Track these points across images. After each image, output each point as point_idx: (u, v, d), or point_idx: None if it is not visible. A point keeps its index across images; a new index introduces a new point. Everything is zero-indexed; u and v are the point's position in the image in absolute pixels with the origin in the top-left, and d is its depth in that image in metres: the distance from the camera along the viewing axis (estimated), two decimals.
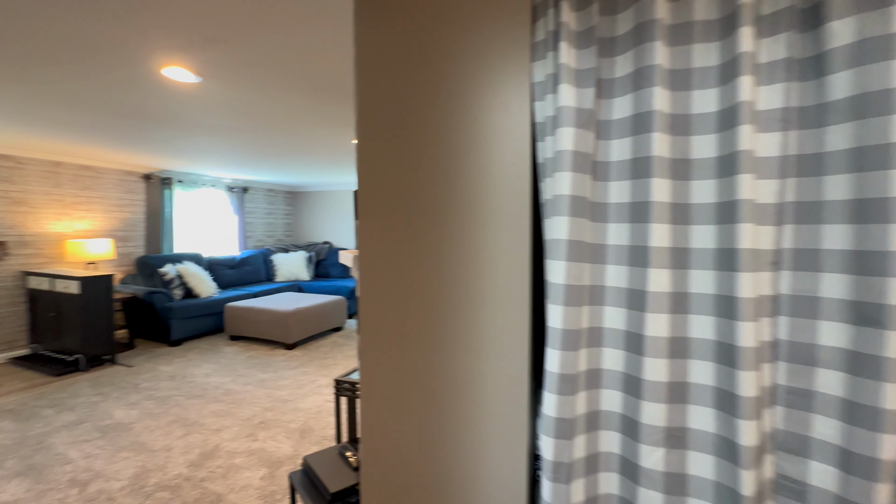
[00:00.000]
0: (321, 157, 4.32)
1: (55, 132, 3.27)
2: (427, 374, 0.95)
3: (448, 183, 0.91)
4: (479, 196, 0.88)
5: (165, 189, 5.25)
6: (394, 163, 0.97)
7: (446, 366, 0.92)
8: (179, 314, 4.49)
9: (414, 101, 0.94)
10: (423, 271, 0.94)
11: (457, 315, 0.91)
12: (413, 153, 0.94)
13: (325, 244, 7.07)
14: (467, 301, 0.90)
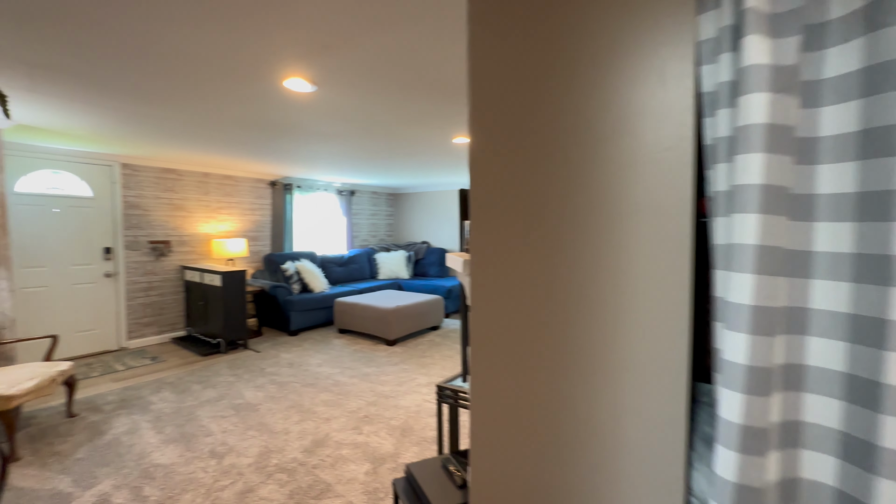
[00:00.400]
0: (422, 158, 4.39)
1: (202, 147, 3.80)
2: (549, 402, 0.81)
3: (579, 179, 0.76)
4: (619, 192, 0.71)
5: (287, 194, 5.86)
6: (513, 158, 0.85)
7: (573, 396, 0.77)
8: (297, 307, 4.96)
9: (537, 84, 0.81)
10: (547, 283, 0.80)
11: (587, 337, 0.75)
12: (536, 146, 0.81)
13: (424, 244, 7.26)
14: (602, 320, 0.74)
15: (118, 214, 4.33)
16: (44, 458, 2.36)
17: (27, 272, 3.79)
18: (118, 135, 3.32)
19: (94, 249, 4.21)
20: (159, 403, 3.07)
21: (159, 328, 4.69)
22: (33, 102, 2.47)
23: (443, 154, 4.16)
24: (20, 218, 3.74)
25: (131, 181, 4.42)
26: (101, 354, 4.22)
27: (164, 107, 2.56)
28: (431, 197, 7.38)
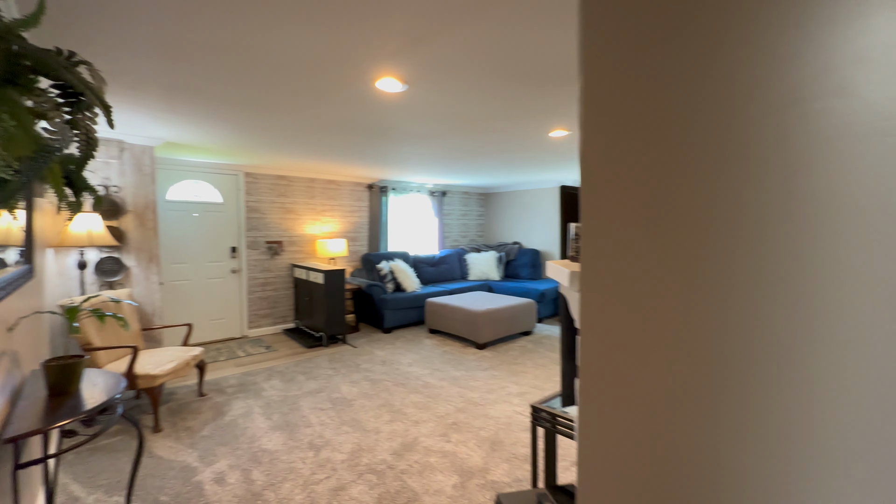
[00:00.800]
0: (516, 155, 4.20)
1: (307, 153, 4.09)
2: (692, 460, 0.59)
3: (747, 166, 0.53)
4: (820, 183, 0.47)
5: (382, 196, 6.09)
6: (645, 145, 0.64)
7: (734, 469, 0.55)
8: (391, 305, 5.11)
9: (679, 41, 0.59)
10: (700, 308, 0.58)
11: (754, 388, 0.52)
12: (680, 124, 0.60)
13: (515, 244, 7.02)
14: (781, 367, 0.50)
15: (242, 218, 4.88)
16: (178, 431, 2.70)
17: (174, 268, 4.46)
18: (240, 146, 3.71)
19: (223, 249, 4.80)
20: (269, 391, 3.35)
21: (273, 320, 5.19)
22: (172, 121, 2.85)
23: (538, 150, 3.92)
24: (169, 222, 4.42)
25: (252, 188, 4.96)
26: (228, 341, 4.80)
27: (271, 117, 2.76)
28: (523, 196, 7.10)
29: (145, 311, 3.30)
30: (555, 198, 6.60)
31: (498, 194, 7.55)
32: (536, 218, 6.91)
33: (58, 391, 1.48)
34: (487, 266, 6.66)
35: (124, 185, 3.17)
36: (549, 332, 5.21)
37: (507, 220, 7.41)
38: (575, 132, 3.16)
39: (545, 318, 5.95)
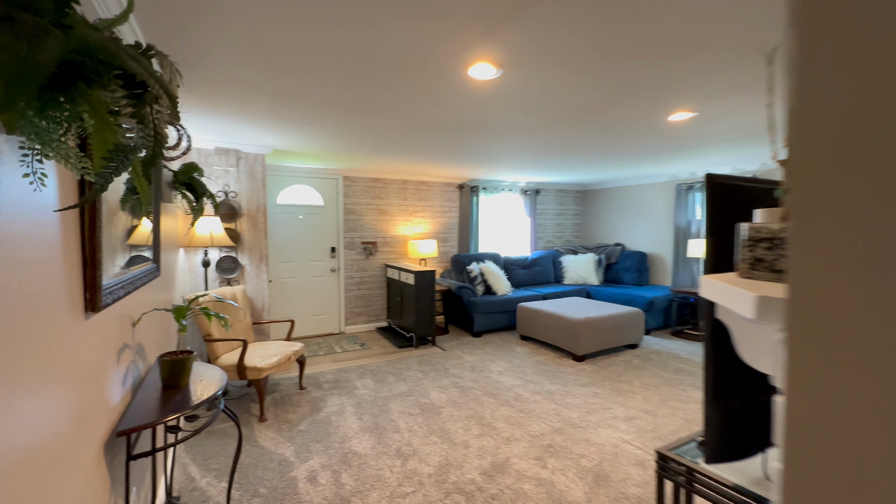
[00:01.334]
0: (624, 145, 3.72)
1: (400, 154, 4.10)
2: None
3: None
4: None
5: (473, 196, 5.96)
6: None
7: None
8: (481, 309, 4.94)
9: None
10: None
11: None
12: None
13: (617, 246, 6.37)
14: None
15: (340, 219, 5.13)
16: (280, 423, 2.84)
17: (282, 266, 4.84)
18: (338, 150, 3.85)
19: (324, 249, 5.09)
20: (361, 390, 3.40)
21: (367, 318, 5.37)
22: (279, 129, 3.01)
23: (652, 138, 3.41)
24: (279, 224, 4.80)
25: (349, 190, 5.18)
26: (327, 336, 5.07)
27: (366, 117, 2.76)
28: (627, 192, 6.41)
29: (256, 306, 3.58)
30: (667, 194, 5.83)
31: (597, 191, 6.93)
32: (643, 217, 6.18)
33: (170, 384, 1.57)
34: (585, 269, 6.14)
35: (240, 191, 3.47)
36: (660, 346, 4.57)
37: (608, 220, 6.76)
38: (705, 112, 2.63)
39: (653, 330, 5.26)
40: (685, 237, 5.50)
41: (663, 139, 3.43)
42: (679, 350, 4.42)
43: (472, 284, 5.20)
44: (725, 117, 2.77)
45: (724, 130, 3.16)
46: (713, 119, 2.81)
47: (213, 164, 3.36)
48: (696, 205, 5.36)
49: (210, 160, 3.35)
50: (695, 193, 5.38)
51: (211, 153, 3.36)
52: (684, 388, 3.40)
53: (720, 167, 5.02)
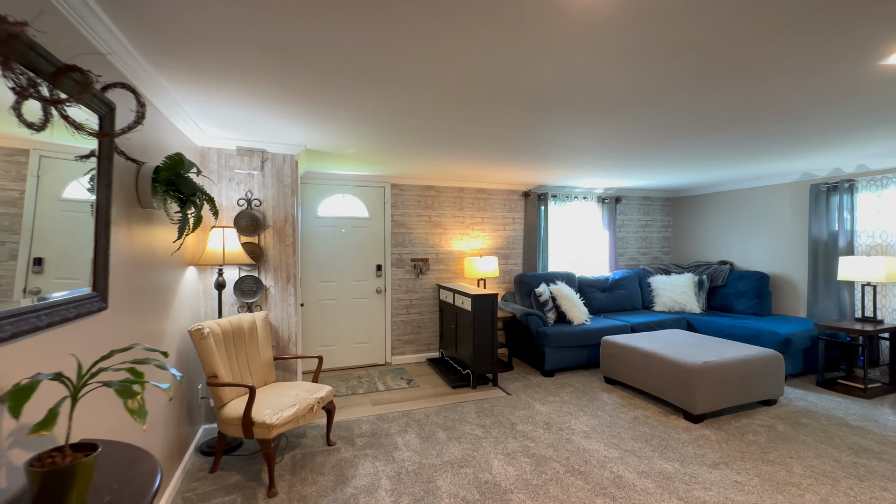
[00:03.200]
0: (773, 122, 2.69)
1: (455, 152, 3.36)
2: None
3: None
4: None
5: (541, 205, 5.07)
6: None
7: None
8: (553, 341, 4.00)
9: None
10: None
11: None
12: None
13: (724, 265, 5.11)
14: None
15: (387, 233, 4.49)
16: (292, 499, 2.13)
17: (322, 286, 4.27)
18: (384, 148, 3.20)
19: (369, 267, 4.46)
20: (403, 451, 2.62)
21: (416, 347, 4.63)
22: (309, 123, 2.41)
23: (835, 104, 2.33)
24: (319, 239, 4.25)
25: (398, 200, 4.54)
26: (370, 367, 4.39)
27: (411, 86, 2.06)
28: (736, 198, 5.16)
29: (281, 336, 2.97)
30: (798, 197, 4.54)
31: (692, 198, 5.72)
32: (760, 228, 4.90)
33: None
34: (682, 293, 4.95)
35: (265, 198, 2.92)
36: (808, 403, 3.32)
37: (708, 233, 5.51)
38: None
39: (790, 377, 3.97)
40: (828, 254, 4.16)
41: (860, 102, 2.29)
42: (841, 411, 3.15)
43: (542, 311, 4.28)
44: None
45: None
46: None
47: (234, 167, 2.84)
48: (845, 211, 4.04)
49: (231, 162, 2.84)
50: (841, 195, 4.06)
51: (232, 154, 2.85)
52: (883, 484, 2.22)
53: (878, 159, 3.71)
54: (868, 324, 3.63)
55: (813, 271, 4.27)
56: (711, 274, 5.12)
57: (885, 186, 3.82)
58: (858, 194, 4.01)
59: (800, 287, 4.50)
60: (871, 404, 3.29)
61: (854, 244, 4.04)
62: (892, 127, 2.72)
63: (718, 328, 4.30)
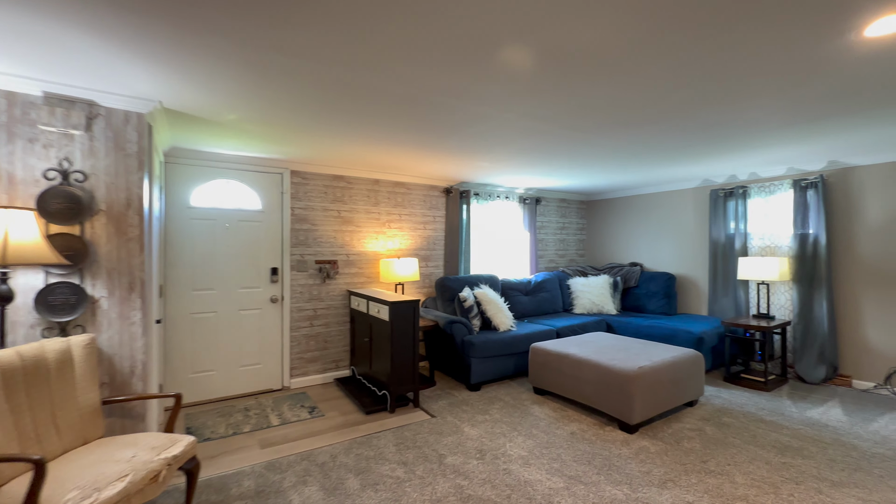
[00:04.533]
0: (740, 109, 2.58)
1: (371, 132, 2.80)
2: None
3: None
4: None
5: (463, 203, 4.71)
6: None
7: None
8: (480, 351, 3.60)
9: None
10: None
11: None
12: None
13: (635, 266, 5.26)
14: None
15: (285, 229, 3.71)
16: None
17: (197, 296, 3.34)
18: (281, 120, 2.50)
19: (262, 271, 3.64)
20: None
21: (323, 365, 3.90)
22: (176, 69, 1.65)
23: (815, 85, 2.26)
24: (194, 234, 3.33)
25: (300, 191, 3.79)
26: (262, 395, 3.56)
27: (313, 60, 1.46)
28: (644, 202, 5.36)
29: (119, 368, 2.09)
30: (699, 202, 4.80)
31: (605, 201, 5.86)
32: (667, 231, 5.12)
33: None
34: (599, 295, 4.96)
35: (94, 172, 2.04)
36: (723, 400, 3.37)
37: (620, 235, 5.67)
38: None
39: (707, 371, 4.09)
40: (726, 255, 4.43)
41: (841, 84, 2.21)
42: (752, 407, 3.23)
43: (467, 317, 3.88)
44: None
45: None
46: None
47: (39, 122, 1.93)
48: (740, 215, 4.32)
49: (33, 114, 1.92)
50: (736, 200, 4.35)
51: (36, 102, 1.93)
52: (816, 485, 2.17)
53: (767, 167, 4.02)
54: (763, 320, 3.86)
55: (713, 271, 4.52)
56: (624, 275, 5.23)
57: (772, 192, 4.16)
58: (750, 199, 4.32)
59: (702, 287, 4.76)
60: (772, 397, 3.45)
61: (748, 246, 4.34)
62: (774, 139, 2.84)
63: (637, 329, 4.32)
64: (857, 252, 3.63)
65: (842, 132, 2.85)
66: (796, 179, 3.89)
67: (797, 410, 3.17)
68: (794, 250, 3.91)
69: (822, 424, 2.90)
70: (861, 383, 3.60)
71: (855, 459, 2.42)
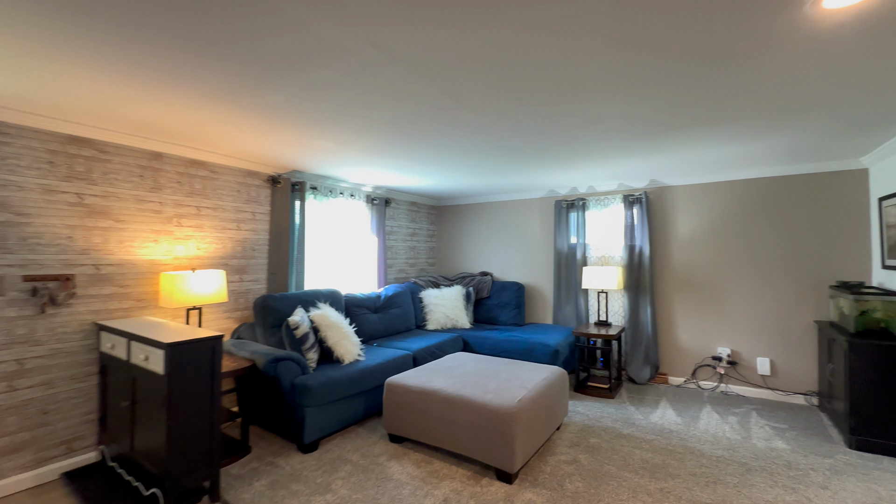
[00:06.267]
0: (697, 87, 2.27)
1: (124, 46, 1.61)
2: None
3: None
4: None
5: (296, 198, 3.65)
6: None
7: None
8: (318, 397, 2.65)
9: None
10: None
11: None
12: None
13: (486, 276, 5.06)
14: None
15: None
16: None
17: None
18: None
19: None
20: None
21: (40, 452, 2.31)
22: None
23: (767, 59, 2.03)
24: None
25: (1, 156, 2.17)
26: None
27: None
28: (494, 210, 5.24)
29: None
30: (545, 212, 4.86)
31: (455, 207, 5.57)
32: (516, 240, 5.07)
33: None
34: (453, 308, 4.55)
35: None
36: (584, 417, 3.26)
37: (471, 243, 5.44)
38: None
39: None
40: (568, 265, 4.56)
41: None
42: (608, 420, 3.18)
43: (300, 350, 2.87)
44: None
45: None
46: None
47: None
48: (580, 226, 4.49)
49: None
50: (577, 212, 4.52)
51: None
52: None
53: (602, 181, 4.29)
54: (603, 327, 4.01)
55: (557, 281, 4.60)
56: (476, 286, 4.97)
57: (606, 206, 4.43)
58: (588, 211, 4.54)
59: (547, 296, 4.82)
60: (618, 404, 3.52)
61: (587, 256, 4.55)
62: (605, 156, 2.90)
63: (494, 344, 4.01)
64: (671, 262, 4.08)
65: (662, 152, 3.05)
66: (626, 194, 4.20)
67: (642, 416, 3.24)
68: (625, 260, 4.20)
69: (667, 431, 2.98)
70: (675, 379, 4.03)
71: (708, 469, 2.44)
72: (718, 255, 3.87)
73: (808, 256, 3.51)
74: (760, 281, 3.68)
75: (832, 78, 1.82)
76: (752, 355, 3.70)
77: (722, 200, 3.86)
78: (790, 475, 2.37)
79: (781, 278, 3.60)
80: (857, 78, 1.82)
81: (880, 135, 2.70)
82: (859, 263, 3.34)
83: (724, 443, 2.79)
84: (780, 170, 3.59)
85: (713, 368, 3.86)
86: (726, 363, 3.79)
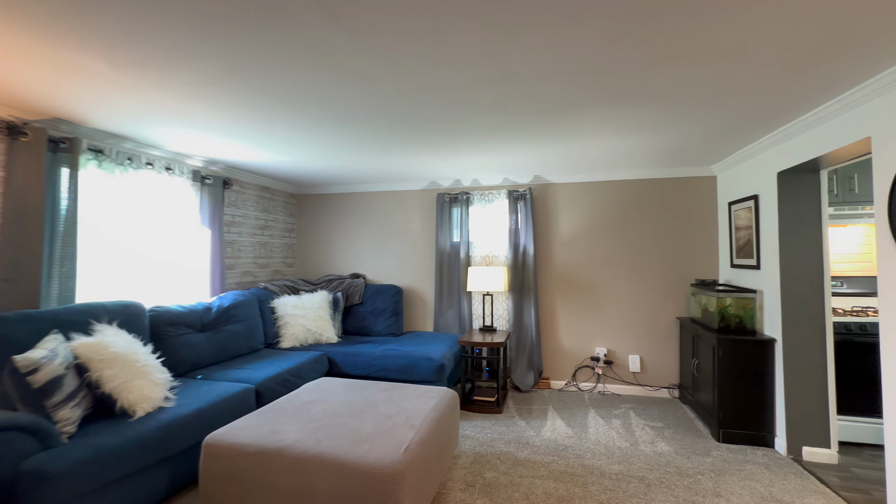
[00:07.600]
0: None
1: None
2: None
3: None
4: None
5: (61, 164, 2.35)
6: None
7: None
8: (70, 487, 1.57)
9: None
10: None
11: None
12: None
13: (357, 278, 4.30)
14: None
15: None
16: None
17: None
18: None
19: None
20: None
21: None
22: None
23: None
24: None
25: None
26: None
27: None
28: (367, 201, 4.51)
29: None
30: (426, 206, 4.33)
31: (320, 196, 4.66)
32: (394, 237, 4.43)
33: None
34: (316, 318, 3.69)
35: None
36: (474, 443, 2.78)
37: (339, 240, 4.60)
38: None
39: None
40: (451, 265, 4.11)
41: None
42: (500, 443, 2.77)
43: (41, 405, 1.72)
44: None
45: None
46: None
47: None
48: (464, 223, 4.09)
49: None
50: (461, 207, 4.11)
51: None
52: None
53: (490, 174, 3.98)
54: (488, 333, 3.66)
55: (439, 283, 4.12)
56: (346, 290, 4.17)
57: (491, 201, 4.11)
58: (472, 207, 4.16)
59: (428, 300, 4.30)
60: (507, 419, 3.16)
61: (471, 255, 4.16)
62: (490, 145, 2.56)
63: (369, 361, 3.29)
64: (553, 262, 3.95)
65: (542, 145, 2.82)
66: (510, 190, 3.94)
67: (534, 432, 2.93)
68: (510, 260, 3.93)
69: (562, 447, 2.69)
70: (557, 383, 3.90)
71: (612, 492, 2.18)
72: (595, 256, 3.86)
73: (669, 256, 3.69)
74: (631, 280, 3.77)
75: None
76: (625, 353, 3.76)
77: (599, 201, 3.87)
78: (685, 485, 2.25)
79: (648, 277, 3.73)
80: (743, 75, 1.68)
81: (730, 144, 2.87)
82: (709, 263, 3.62)
83: (618, 454, 2.60)
84: (647, 172, 3.72)
85: (592, 369, 3.83)
86: (603, 363, 3.79)
